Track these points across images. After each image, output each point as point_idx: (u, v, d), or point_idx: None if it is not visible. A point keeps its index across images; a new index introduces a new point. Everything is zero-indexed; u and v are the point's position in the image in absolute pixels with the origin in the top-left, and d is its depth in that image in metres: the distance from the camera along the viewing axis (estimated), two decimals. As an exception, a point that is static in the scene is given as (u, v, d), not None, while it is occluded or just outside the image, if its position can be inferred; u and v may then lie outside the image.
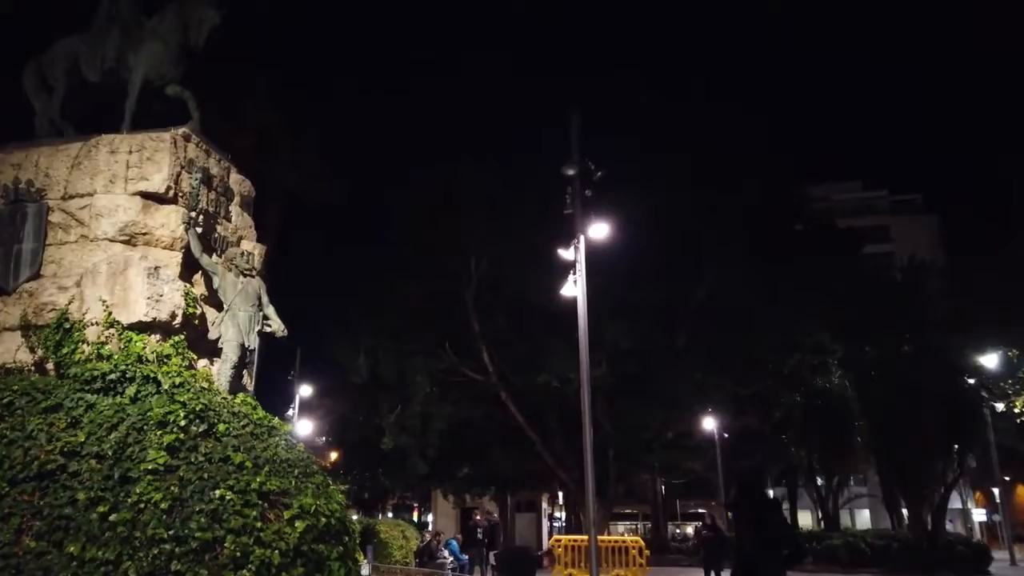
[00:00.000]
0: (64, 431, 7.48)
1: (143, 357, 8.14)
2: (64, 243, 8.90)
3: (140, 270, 8.32)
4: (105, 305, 8.27)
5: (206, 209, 9.60)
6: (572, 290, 18.52)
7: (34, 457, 7.20)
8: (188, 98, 10.21)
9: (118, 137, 9.17)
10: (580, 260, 18.49)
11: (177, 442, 7.42)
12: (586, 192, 19.12)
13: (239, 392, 8.98)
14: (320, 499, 7.78)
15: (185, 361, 8.63)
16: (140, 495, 6.98)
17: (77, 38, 10.33)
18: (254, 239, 10.68)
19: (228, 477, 7.32)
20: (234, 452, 7.57)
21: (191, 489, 7.17)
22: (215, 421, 7.83)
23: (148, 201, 8.97)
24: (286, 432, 8.88)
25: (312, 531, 7.43)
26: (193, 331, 9.04)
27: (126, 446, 7.39)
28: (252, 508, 7.19)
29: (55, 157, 9.27)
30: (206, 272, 9.33)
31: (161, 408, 7.62)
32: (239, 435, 7.92)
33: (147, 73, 9.94)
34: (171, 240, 9.03)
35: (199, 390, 8.17)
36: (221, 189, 10.05)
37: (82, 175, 9.05)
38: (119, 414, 7.61)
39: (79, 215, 8.91)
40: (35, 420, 7.46)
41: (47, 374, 8.30)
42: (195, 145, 9.65)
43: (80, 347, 8.20)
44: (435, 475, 27.32)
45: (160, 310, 8.41)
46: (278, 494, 7.58)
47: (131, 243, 8.82)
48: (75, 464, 7.25)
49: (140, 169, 8.95)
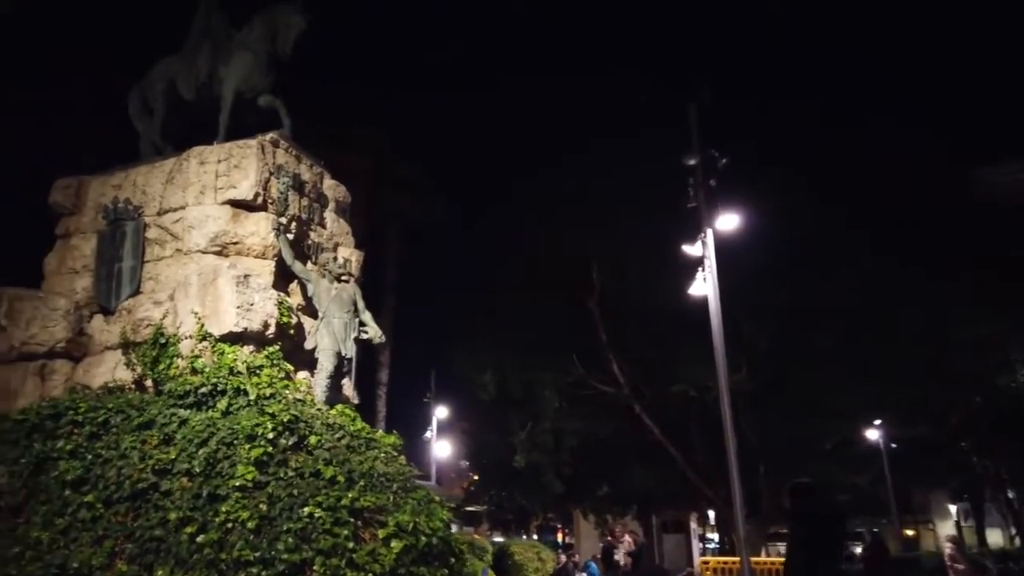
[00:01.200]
0: (156, 448, 7.17)
1: (235, 369, 7.74)
2: (160, 258, 8.77)
3: (229, 279, 7.97)
4: (197, 317, 7.99)
5: (298, 215, 9.23)
6: (702, 288, 17.05)
7: (127, 476, 6.92)
8: (279, 106, 9.99)
9: (207, 148, 9.00)
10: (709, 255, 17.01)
11: (265, 456, 6.90)
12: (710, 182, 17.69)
13: (337, 403, 8.43)
14: (420, 516, 7.00)
15: (280, 372, 8.18)
16: (227, 514, 6.49)
17: (173, 58, 10.40)
18: (351, 245, 10.24)
19: (318, 493, 6.70)
20: (325, 466, 6.96)
21: (280, 507, 6.61)
22: (306, 433, 7.28)
23: (237, 209, 8.69)
24: (387, 444, 8.22)
25: (411, 552, 6.66)
26: (289, 341, 8.62)
27: (216, 462, 6.96)
28: (343, 526, 6.52)
29: (151, 174, 9.23)
30: (301, 280, 8.93)
31: (250, 421, 7.16)
32: (332, 448, 7.32)
33: (238, 85, 9.79)
34: (262, 248, 8.69)
35: (291, 401, 7.67)
36: (314, 195, 9.68)
37: (175, 189, 8.92)
38: (209, 429, 7.21)
39: (173, 229, 8.76)
40: (128, 438, 7.21)
41: (147, 391, 8.10)
42: (284, 151, 9.34)
43: (175, 362, 7.94)
44: (572, 494, 26.22)
45: (251, 320, 8.02)
46: (373, 511, 6.89)
47: (223, 253, 8.55)
48: (167, 482, 6.89)
49: (228, 178, 8.70)
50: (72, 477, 6.98)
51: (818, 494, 6.44)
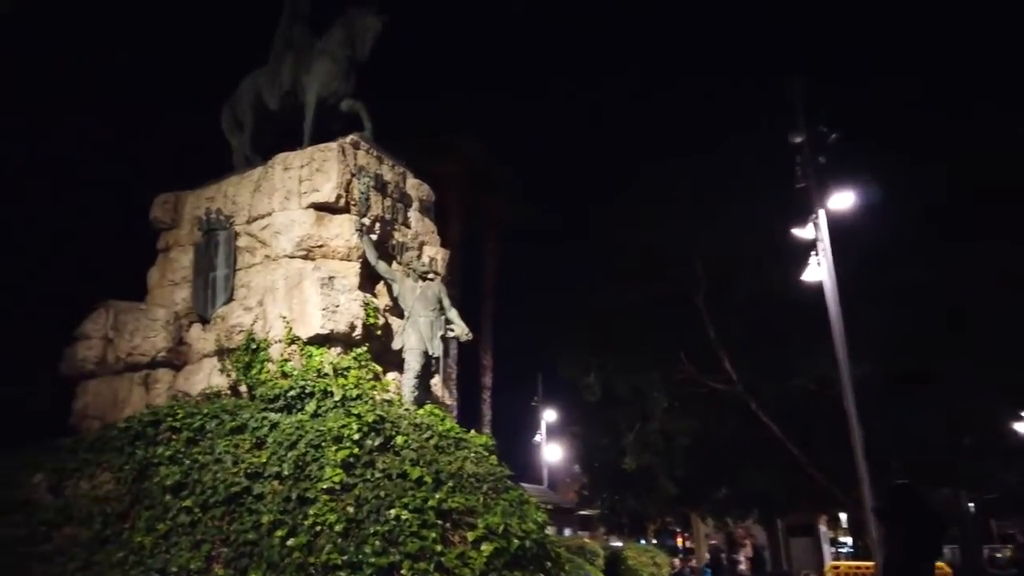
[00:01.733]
0: (248, 452, 7.19)
1: (322, 371, 7.68)
2: (251, 265, 8.90)
3: (313, 281, 7.95)
4: (285, 321, 8.01)
5: (381, 216, 9.15)
6: (816, 273, 15.94)
7: (221, 480, 6.96)
8: (360, 109, 9.99)
9: (291, 154, 9.07)
10: (823, 237, 15.89)
11: (352, 458, 6.77)
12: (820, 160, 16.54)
13: (426, 403, 8.23)
14: (512, 518, 6.67)
15: (368, 373, 8.09)
16: (316, 517, 6.38)
17: (258, 71, 10.62)
18: (437, 244, 10.08)
19: (404, 494, 6.49)
20: (412, 467, 6.75)
21: (367, 509, 6.44)
22: (392, 434, 7.10)
23: (321, 213, 8.69)
24: (478, 444, 7.95)
25: (502, 555, 6.33)
26: (377, 343, 8.52)
27: (304, 465, 6.89)
28: (431, 529, 6.27)
29: (240, 184, 9.40)
30: (386, 280, 8.83)
31: (336, 423, 7.06)
32: (420, 448, 7.11)
33: (320, 91, 9.86)
34: (347, 250, 8.64)
35: (378, 402, 7.54)
36: (397, 195, 9.59)
37: (262, 197, 9.04)
38: (298, 432, 7.17)
39: (261, 236, 8.87)
40: (222, 443, 7.27)
41: (241, 396, 8.19)
42: (365, 152, 9.29)
43: (265, 366, 7.99)
44: (687, 497, 25.24)
45: (337, 321, 7.96)
46: (462, 513, 6.61)
47: (308, 257, 8.57)
48: (259, 486, 6.88)
49: (311, 182, 8.72)
50: (171, 482, 7.09)
51: (917, 495, 6.39)
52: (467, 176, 23.59)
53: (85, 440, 7.88)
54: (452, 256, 23.42)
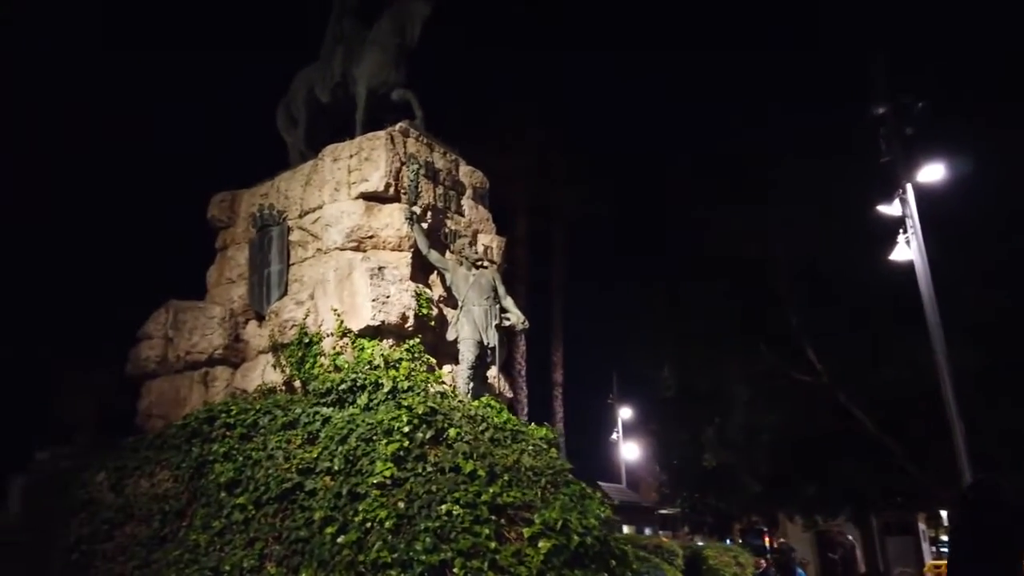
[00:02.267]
0: (300, 448, 7.03)
1: (374, 363, 7.45)
2: (304, 260, 8.78)
3: (363, 272, 7.74)
4: (336, 314, 7.83)
5: (433, 204, 8.88)
6: (906, 253, 14.85)
7: (274, 477, 6.81)
8: (411, 98, 9.77)
9: (340, 145, 8.91)
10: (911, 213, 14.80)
11: (402, 451, 6.50)
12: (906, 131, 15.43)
13: (483, 395, 7.90)
14: (572, 513, 6.26)
15: (422, 365, 7.80)
16: (366, 513, 6.14)
17: (311, 67, 10.54)
18: (492, 232, 9.75)
19: (456, 488, 6.17)
20: (465, 460, 6.42)
21: (418, 504, 6.16)
22: (445, 426, 6.79)
23: (370, 203, 8.49)
24: (537, 437, 7.56)
25: (561, 552, 5.92)
26: (431, 334, 8.25)
27: (356, 459, 6.66)
28: (484, 525, 5.93)
29: (293, 179, 9.31)
30: (439, 270, 8.55)
31: (387, 415, 6.80)
32: (474, 441, 6.78)
33: (370, 82, 9.69)
34: (397, 240, 8.41)
35: (431, 394, 7.25)
36: (449, 183, 9.31)
37: (312, 190, 8.92)
38: (349, 425, 6.96)
39: (313, 229, 8.74)
40: (274, 438, 7.13)
41: (295, 391, 8.06)
42: (415, 140, 9.05)
43: (318, 360, 7.83)
44: (773, 495, 24.09)
45: (388, 312, 7.72)
46: (518, 507, 6.24)
47: (359, 248, 8.37)
48: (311, 482, 6.70)
49: (360, 171, 8.53)
50: (225, 479, 7.00)
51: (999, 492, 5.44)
52: (534, 168, 23.18)
53: (146, 439, 7.91)
54: (519, 252, 23.17)
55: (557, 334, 24.35)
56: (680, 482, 27.48)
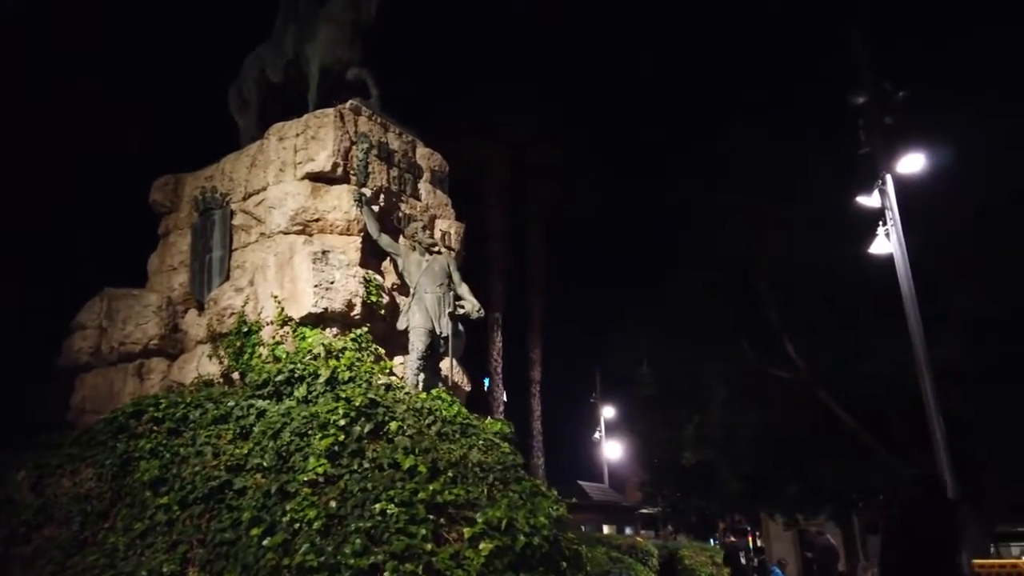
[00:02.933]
0: (231, 443, 6.54)
1: (316, 353, 6.96)
2: (247, 245, 8.28)
3: (304, 256, 7.25)
4: (276, 301, 7.35)
5: (386, 187, 8.41)
6: (885, 246, 14.50)
7: (200, 475, 6.32)
8: (366, 76, 9.30)
9: (286, 124, 8.42)
10: (891, 205, 14.46)
11: (337, 446, 6.03)
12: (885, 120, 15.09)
13: (436, 386, 7.44)
14: (519, 512, 5.81)
15: (370, 355, 7.31)
16: (294, 513, 5.66)
17: (262, 46, 10.03)
18: (452, 217, 9.28)
19: (392, 486, 5.71)
20: (404, 455, 5.95)
21: (351, 503, 5.69)
22: (385, 419, 6.33)
23: (317, 184, 8.00)
24: (490, 432, 7.11)
25: (505, 554, 5.46)
26: (382, 323, 7.79)
27: (289, 455, 6.19)
28: (421, 524, 5.46)
29: (238, 161, 8.82)
30: (391, 255, 8.08)
31: (324, 408, 6.33)
32: (417, 435, 6.31)
33: (323, 59, 9.20)
34: (346, 223, 7.93)
35: (375, 386, 6.77)
36: (404, 165, 8.83)
37: (257, 171, 8.43)
38: (283, 419, 6.48)
39: (256, 212, 8.25)
40: (204, 433, 6.63)
41: (235, 384, 7.55)
42: (367, 118, 8.57)
43: (257, 350, 7.33)
44: (755, 494, 23.75)
45: (332, 299, 7.24)
46: (461, 506, 5.78)
47: (305, 232, 7.89)
48: (240, 480, 6.21)
49: (306, 151, 8.05)
50: (150, 478, 6.49)
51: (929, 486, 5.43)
52: (510, 162, 22.72)
53: (71, 435, 7.38)
54: (497, 247, 22.72)
55: (535, 331, 23.91)
56: (661, 481, 27.10)
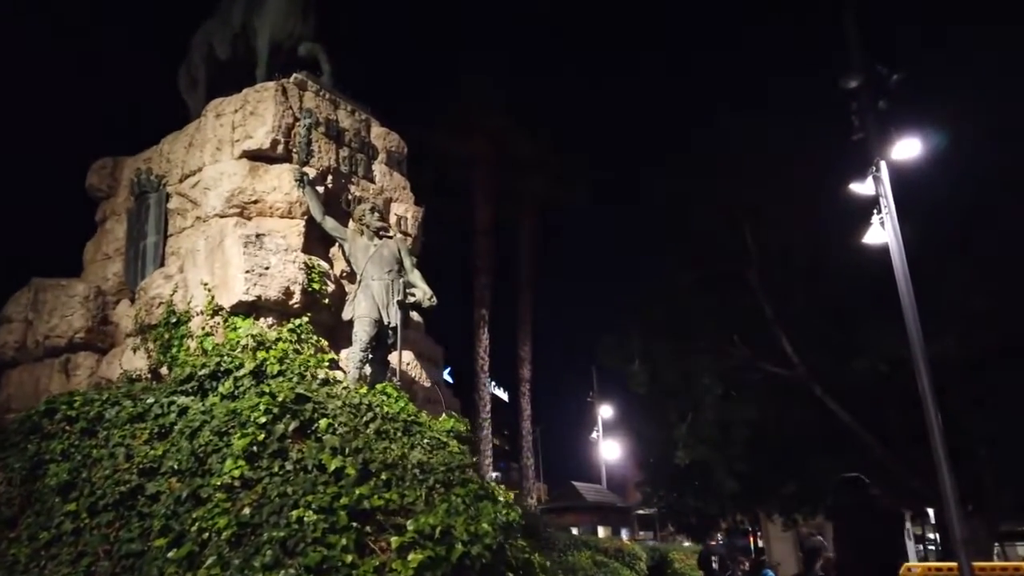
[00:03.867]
0: (146, 444, 5.94)
1: (246, 345, 6.35)
2: (183, 230, 7.68)
3: (235, 239, 6.65)
4: (206, 288, 6.74)
5: (334, 167, 7.81)
6: (879, 235, 13.86)
7: (111, 479, 5.72)
8: (319, 51, 8.73)
9: (225, 99, 7.83)
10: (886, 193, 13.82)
11: (256, 446, 5.42)
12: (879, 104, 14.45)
13: (384, 381, 6.82)
14: (458, 518, 5.18)
15: (309, 347, 6.70)
16: (203, 521, 5.05)
17: (210, 21, 9.42)
18: (410, 201, 8.68)
19: (313, 490, 5.10)
20: (331, 456, 5.34)
21: (267, 510, 5.06)
22: (314, 416, 5.72)
23: (256, 163, 7.41)
24: (440, 430, 6.50)
25: (438, 565, 4.83)
26: (326, 313, 7.19)
27: (207, 456, 5.59)
28: (341, 534, 4.84)
29: (177, 141, 8.22)
30: (338, 240, 7.46)
31: (246, 404, 5.72)
32: (350, 433, 5.70)
33: (273, 32, 8.62)
34: (287, 205, 7.32)
35: (309, 380, 6.16)
36: (356, 145, 8.23)
37: (194, 150, 7.83)
38: (203, 417, 5.88)
39: (192, 195, 7.64)
40: (118, 433, 6.03)
41: (163, 380, 6.94)
42: (314, 94, 7.97)
43: (185, 343, 6.71)
44: (752, 493, 23.09)
45: (266, 286, 6.63)
46: (392, 512, 5.17)
47: (243, 215, 7.29)
48: (153, 485, 5.60)
49: (244, 127, 7.46)
50: (59, 482, 5.88)
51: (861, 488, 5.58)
52: (496, 155, 22.10)
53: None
54: (484, 243, 22.12)
55: (524, 328, 23.27)
56: (656, 481, 26.43)
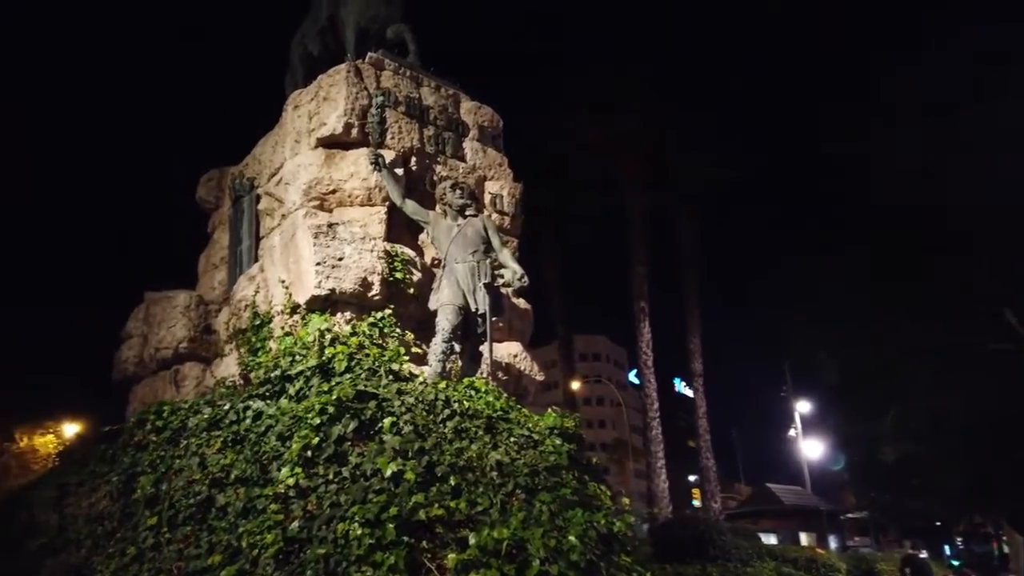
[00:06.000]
0: (218, 452, 5.57)
1: (322, 343, 5.84)
2: (271, 230, 7.38)
3: (305, 231, 6.20)
4: (284, 286, 6.33)
5: (418, 147, 7.19)
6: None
7: (186, 491, 5.41)
8: (405, 32, 8.22)
9: (302, 91, 7.48)
10: None
11: (310, 450, 4.82)
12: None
13: (475, 374, 6.04)
14: (535, 531, 4.25)
15: (394, 342, 6.08)
16: (250, 536, 4.52)
17: (304, 23, 9.24)
18: (507, 178, 7.87)
19: (364, 499, 4.39)
20: (388, 459, 4.61)
21: (318, 523, 4.44)
22: (377, 415, 5.04)
23: (331, 151, 6.95)
24: (537, 427, 5.58)
25: (502, 591, 3.94)
26: (413, 305, 6.55)
27: (268, 464, 5.09)
28: (390, 550, 4.09)
29: (266, 141, 8.02)
30: (421, 224, 6.81)
31: (304, 405, 5.17)
32: (414, 433, 4.93)
33: (358, 20, 8.24)
34: (366, 192, 6.79)
35: (378, 377, 5.51)
36: (443, 122, 7.57)
37: (279, 147, 7.56)
38: (269, 421, 5.41)
39: (277, 193, 7.34)
40: (195, 442, 5.73)
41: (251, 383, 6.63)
42: (392, 72, 7.43)
43: (267, 345, 6.34)
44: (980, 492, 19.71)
45: (340, 278, 6.11)
46: (458, 523, 4.34)
47: (323, 207, 6.83)
48: (223, 496, 5.21)
49: (319, 115, 7.03)
50: (143, 495, 5.67)
51: None
52: (648, 136, 20.72)
53: (96, 449, 6.82)
54: (637, 230, 20.80)
55: (692, 318, 21.58)
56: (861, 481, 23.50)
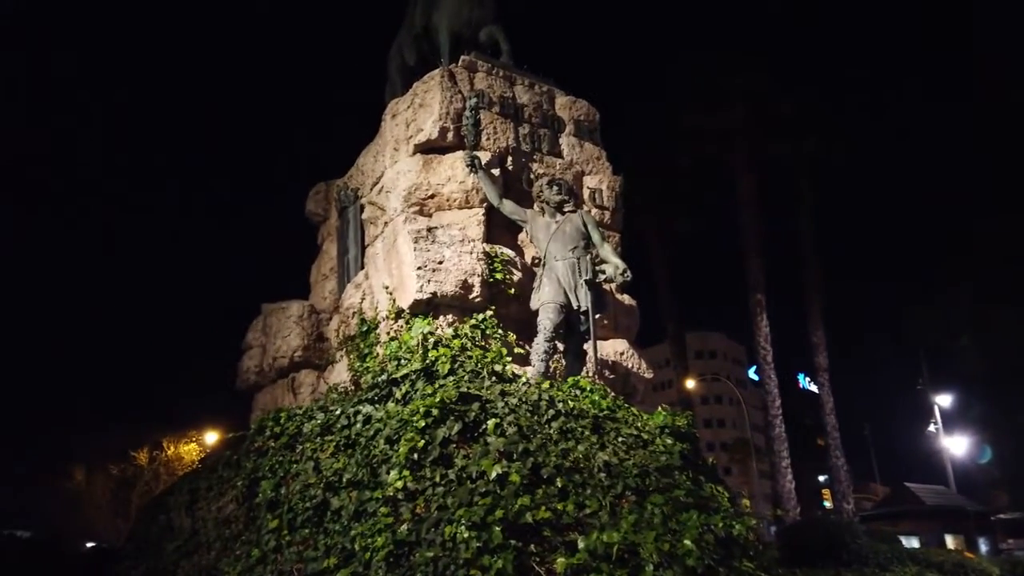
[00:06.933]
0: (331, 456, 5.69)
1: (426, 346, 5.88)
2: (375, 238, 7.51)
3: (405, 235, 6.27)
4: (388, 292, 6.43)
5: (513, 147, 7.15)
6: None
7: (303, 494, 5.56)
8: (498, 33, 8.21)
9: (400, 99, 7.59)
10: None
11: (416, 453, 4.83)
12: None
13: (576, 373, 5.92)
14: (648, 534, 4.08)
15: (496, 343, 6.05)
16: (361, 539, 4.58)
17: (399, 33, 9.41)
18: (606, 172, 7.69)
19: (470, 501, 4.35)
20: (491, 461, 4.55)
21: (426, 526, 4.44)
22: (480, 417, 4.99)
23: (428, 156, 7.00)
24: (647, 426, 5.38)
25: (616, 598, 3.78)
26: (515, 305, 6.50)
27: (378, 467, 5.15)
28: (497, 554, 4.02)
29: (368, 152, 8.18)
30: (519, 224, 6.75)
31: (410, 408, 5.20)
32: (519, 434, 4.84)
33: (451, 24, 8.31)
34: (463, 195, 6.81)
35: (481, 378, 5.47)
36: (538, 119, 7.49)
37: (379, 157, 7.70)
38: (378, 424, 5.48)
39: (379, 201, 7.48)
40: (309, 447, 5.88)
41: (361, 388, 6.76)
42: (486, 73, 7.42)
43: (374, 350, 6.46)
44: None
45: (441, 281, 6.13)
46: (565, 527, 4.22)
47: (423, 212, 6.89)
48: (336, 499, 5.32)
49: (416, 122, 7.10)
50: (266, 498, 5.88)
51: None
52: (753, 121, 19.89)
53: (224, 456, 7.16)
54: (749, 218, 19.93)
55: (814, 308, 20.46)
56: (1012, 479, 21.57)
